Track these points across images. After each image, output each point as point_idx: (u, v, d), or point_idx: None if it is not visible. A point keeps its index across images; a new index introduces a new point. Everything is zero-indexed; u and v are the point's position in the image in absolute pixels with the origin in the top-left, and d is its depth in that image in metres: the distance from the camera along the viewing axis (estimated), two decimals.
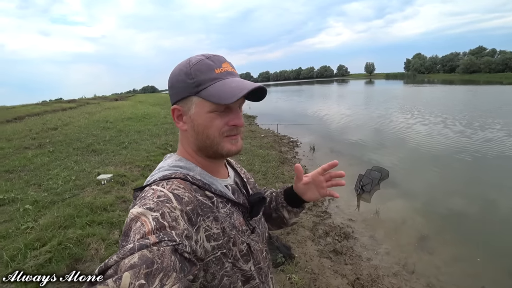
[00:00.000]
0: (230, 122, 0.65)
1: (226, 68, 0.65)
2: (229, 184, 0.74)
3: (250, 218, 0.74)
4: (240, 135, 0.70)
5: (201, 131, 0.65)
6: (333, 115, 14.99)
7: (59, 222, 3.03)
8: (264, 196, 0.76)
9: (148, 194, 0.55)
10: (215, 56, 0.66)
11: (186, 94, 0.65)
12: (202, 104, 0.64)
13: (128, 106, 16.09)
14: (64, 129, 8.11)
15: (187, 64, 0.65)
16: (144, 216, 0.49)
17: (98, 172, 4.53)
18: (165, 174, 0.64)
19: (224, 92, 0.60)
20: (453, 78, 66.09)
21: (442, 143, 8.12)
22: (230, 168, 0.84)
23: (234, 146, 0.68)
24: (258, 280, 0.71)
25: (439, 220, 4.15)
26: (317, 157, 7.58)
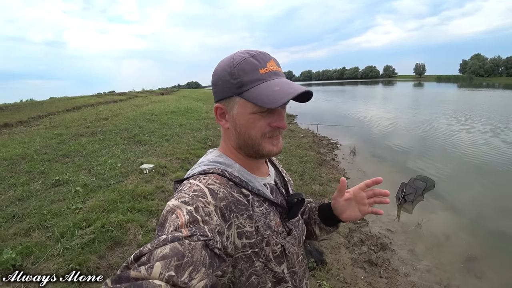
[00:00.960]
0: (273, 124, 0.63)
1: (271, 68, 0.63)
2: (268, 183, 0.73)
3: (287, 220, 0.72)
4: (281, 136, 0.69)
5: (243, 131, 0.65)
6: (376, 118, 14.21)
7: (104, 206, 3.28)
8: (303, 198, 0.73)
9: (185, 188, 0.57)
10: (259, 54, 0.64)
11: (230, 94, 0.64)
12: (245, 104, 0.63)
13: (173, 100, 16.91)
14: (114, 120, 8.77)
15: (231, 63, 0.63)
16: (179, 209, 0.50)
17: (141, 161, 4.82)
18: (204, 169, 0.66)
19: (267, 96, 0.59)
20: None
21: (495, 155, 7.26)
22: (272, 166, 0.82)
23: (275, 147, 0.67)
24: (290, 284, 0.69)
25: (489, 241, 3.73)
26: (357, 161, 7.27)
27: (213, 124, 9.34)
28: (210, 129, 8.51)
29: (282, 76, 0.65)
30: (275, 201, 0.69)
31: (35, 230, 2.81)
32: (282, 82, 0.62)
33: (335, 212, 0.81)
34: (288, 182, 0.83)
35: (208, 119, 10.27)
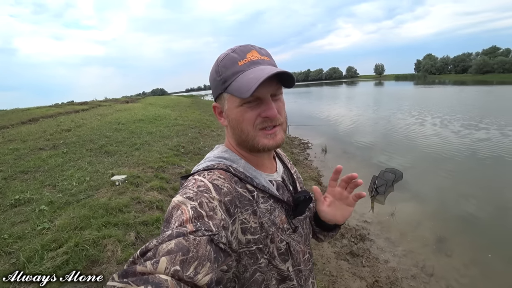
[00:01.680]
0: (262, 114, 0.62)
1: (251, 58, 0.62)
2: (275, 180, 0.72)
3: (293, 217, 0.71)
4: (281, 126, 0.66)
5: (235, 126, 0.65)
6: (343, 117, 14.88)
7: (75, 223, 3.05)
8: (310, 196, 0.73)
9: (189, 184, 0.57)
10: (240, 47, 0.64)
11: (219, 91, 0.65)
12: (231, 99, 0.63)
13: (139, 108, 16.27)
14: (77, 131, 8.23)
15: (216, 62, 0.65)
16: (184, 204, 0.50)
17: (112, 173, 4.57)
18: (209, 165, 0.65)
19: (244, 86, 0.58)
20: (465, 78, 64.62)
21: (453, 145, 7.98)
22: (280, 162, 0.81)
23: (272, 140, 0.64)
24: (295, 282, 0.69)
25: (455, 222, 4.07)
26: (329, 158, 7.52)
27: (184, 130, 9.13)
28: (181, 135, 8.30)
29: (264, 63, 0.63)
30: (280, 198, 0.69)
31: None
32: (257, 70, 0.60)
33: (326, 220, 0.79)
34: (297, 179, 0.82)
35: (178, 125, 10.02)
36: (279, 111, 0.64)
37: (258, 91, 0.57)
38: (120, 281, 0.36)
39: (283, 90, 0.67)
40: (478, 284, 2.81)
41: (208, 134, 9.42)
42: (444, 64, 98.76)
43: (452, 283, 2.79)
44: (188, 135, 8.54)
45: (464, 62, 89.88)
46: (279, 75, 0.59)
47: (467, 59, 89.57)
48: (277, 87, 0.64)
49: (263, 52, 0.66)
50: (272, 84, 0.61)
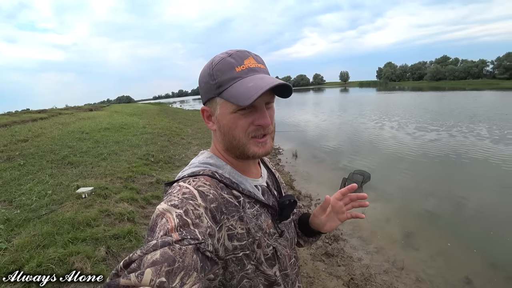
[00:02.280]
0: (255, 122, 0.62)
1: (249, 65, 0.62)
2: (260, 185, 0.72)
3: (279, 221, 0.72)
4: (270, 135, 0.67)
5: (227, 132, 0.64)
6: (311, 122, 15.35)
7: (37, 241, 2.81)
8: (295, 200, 0.74)
9: (174, 191, 0.56)
10: (237, 53, 0.63)
11: (211, 95, 0.64)
12: (225, 105, 0.62)
13: (104, 116, 15.49)
14: (35, 141, 7.63)
15: (210, 65, 0.64)
16: (169, 212, 0.49)
17: (77, 185, 4.29)
18: (194, 171, 0.64)
19: (242, 93, 0.58)
20: (421, 85, 70.48)
21: (412, 146, 8.59)
22: (264, 167, 0.82)
23: (262, 149, 0.65)
24: (283, 287, 0.69)
25: (420, 218, 4.35)
26: (300, 163, 7.68)
27: (153, 139, 8.85)
28: (150, 144, 8.03)
29: (261, 72, 0.63)
30: (266, 202, 0.69)
31: None
32: (257, 78, 0.60)
33: (313, 226, 0.82)
34: (281, 184, 0.83)
35: (147, 134, 9.69)
36: (271, 120, 0.65)
37: (256, 99, 0.58)
38: None
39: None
40: (444, 273, 3.02)
41: (178, 142, 9.21)
42: (403, 71, 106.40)
43: (421, 275, 2.97)
44: (157, 143, 8.28)
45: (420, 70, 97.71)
46: (285, 85, 0.60)
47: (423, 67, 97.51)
48: (271, 95, 0.64)
49: (259, 59, 0.66)
50: (268, 93, 0.61)
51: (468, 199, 4.82)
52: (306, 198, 5.16)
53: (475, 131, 9.83)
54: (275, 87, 0.59)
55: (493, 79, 67.77)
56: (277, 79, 0.61)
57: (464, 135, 9.40)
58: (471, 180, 5.68)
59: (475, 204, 4.65)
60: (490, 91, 35.15)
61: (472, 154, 7.29)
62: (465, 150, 7.67)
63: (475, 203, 4.67)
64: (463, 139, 8.89)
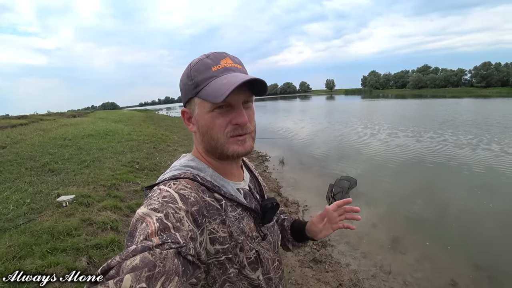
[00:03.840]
0: (233, 121, 0.62)
1: (225, 64, 0.63)
2: (242, 188, 0.72)
3: (261, 225, 0.71)
4: (250, 134, 0.66)
5: (205, 132, 0.64)
6: (298, 129, 15.52)
7: (13, 252, 2.67)
8: (277, 203, 0.74)
9: (154, 194, 0.54)
10: (214, 54, 0.65)
11: (189, 96, 0.64)
12: (202, 104, 0.62)
13: (88, 122, 15.11)
14: (14, 147, 7.33)
15: (189, 66, 0.64)
16: (149, 216, 0.48)
17: (58, 193, 4.12)
18: (175, 174, 0.63)
19: (216, 90, 0.58)
20: (404, 92, 72.96)
21: (395, 152, 8.80)
22: (247, 171, 0.81)
23: (241, 147, 0.64)
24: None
25: (405, 222, 4.42)
26: (287, 170, 7.72)
27: (138, 146, 8.69)
28: (135, 151, 7.87)
29: (237, 71, 0.63)
30: (248, 206, 0.68)
31: None
32: (230, 76, 0.60)
33: (309, 234, 0.88)
34: (264, 188, 0.83)
35: (132, 140, 9.50)
36: (249, 119, 0.64)
37: (230, 97, 0.57)
38: None
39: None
40: (430, 276, 3.08)
41: (164, 149, 9.08)
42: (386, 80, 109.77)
43: (408, 278, 3.01)
44: (143, 150, 8.13)
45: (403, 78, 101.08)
46: (252, 83, 0.60)
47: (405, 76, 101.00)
48: (249, 94, 0.64)
49: (236, 60, 0.66)
50: (244, 91, 0.62)
51: (450, 202, 4.97)
52: (294, 204, 5.16)
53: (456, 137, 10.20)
54: (251, 85, 0.60)
55: (471, 87, 70.99)
56: (252, 76, 0.61)
57: (444, 141, 9.74)
58: (452, 184, 5.85)
59: (456, 206, 4.80)
60: (469, 98, 36.83)
61: (453, 159, 7.54)
62: (446, 155, 7.93)
63: (456, 206, 4.82)
64: (444, 145, 9.20)
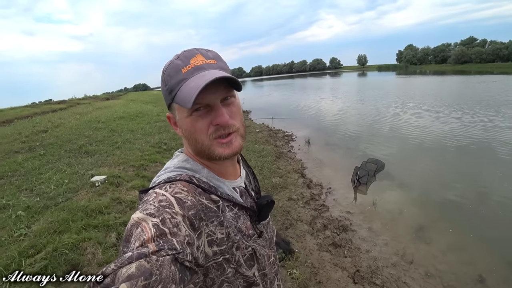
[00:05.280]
0: (213, 122, 0.59)
1: (195, 63, 0.59)
2: (238, 186, 0.71)
3: (257, 222, 0.71)
4: (237, 132, 0.62)
5: (189, 137, 0.62)
6: (326, 108, 15.01)
7: (53, 227, 2.97)
8: (273, 200, 0.73)
9: (150, 198, 0.53)
10: (185, 52, 0.61)
11: (168, 101, 0.63)
12: (180, 109, 0.60)
13: (120, 105, 15.87)
14: (54, 131, 7.94)
15: (163, 71, 0.62)
16: (145, 222, 0.47)
17: (91, 174, 4.45)
18: (170, 176, 0.62)
19: (186, 95, 0.55)
20: (444, 68, 66.48)
21: (435, 134, 8.17)
22: (245, 166, 0.80)
23: (228, 149, 0.61)
24: (261, 286, 0.69)
25: (434, 210, 4.20)
26: (312, 150, 7.60)
27: (166, 126, 8.99)
28: (163, 132, 8.17)
29: (208, 68, 0.59)
30: (245, 205, 0.67)
31: None
32: (199, 76, 0.56)
33: None
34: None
35: (160, 122, 9.85)
36: (233, 117, 0.61)
37: (205, 97, 0.55)
38: None
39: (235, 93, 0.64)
40: (456, 269, 2.91)
41: None
42: (424, 54, 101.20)
43: (431, 270, 2.89)
44: (170, 131, 8.39)
45: (444, 52, 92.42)
46: (227, 78, 0.56)
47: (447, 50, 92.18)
48: (227, 90, 0.60)
49: (209, 55, 0.62)
50: (220, 88, 0.58)
51: (488, 191, 4.59)
52: (317, 186, 5.11)
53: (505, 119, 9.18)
54: (226, 80, 0.56)
55: None
56: (219, 72, 0.57)
57: (492, 123, 8.77)
58: (492, 172, 5.35)
59: (494, 196, 4.42)
60: None
61: (500, 145, 6.79)
62: (492, 140, 7.19)
63: (494, 196, 4.44)
64: (491, 128, 8.31)
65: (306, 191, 4.69)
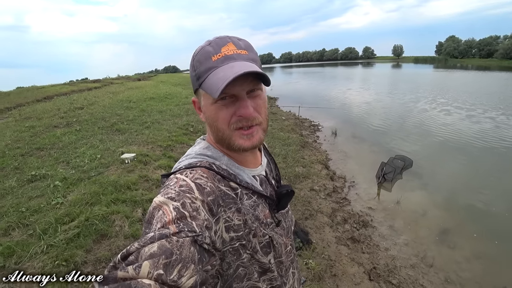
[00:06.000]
0: (237, 113, 0.59)
1: (225, 52, 0.59)
2: (258, 175, 0.71)
3: (276, 211, 0.72)
4: (259, 126, 0.63)
5: (211, 124, 0.63)
6: (356, 99, 14.51)
7: (86, 199, 3.19)
8: (292, 190, 0.73)
9: (171, 183, 0.56)
10: (216, 40, 0.61)
11: (195, 86, 0.63)
12: (206, 96, 0.61)
13: (150, 86, 16.36)
14: (89, 109, 8.40)
15: (193, 55, 0.62)
16: (166, 205, 0.49)
17: (122, 151, 4.69)
18: (191, 162, 0.64)
19: (213, 84, 0.55)
20: (490, 63, 60.66)
21: (470, 134, 7.66)
22: (266, 154, 0.80)
23: (248, 141, 0.61)
24: (276, 273, 0.70)
25: (462, 215, 4.00)
26: (338, 142, 7.45)
27: (193, 109, 9.10)
28: (191, 114, 8.35)
29: (239, 59, 0.59)
30: (264, 193, 0.68)
31: (14, 229, 2.69)
32: (228, 67, 0.57)
33: None
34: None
35: (188, 104, 10.05)
36: (258, 109, 0.61)
37: (233, 88, 0.56)
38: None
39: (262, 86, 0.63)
40: (479, 278, 2.79)
41: None
42: (468, 47, 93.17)
43: (452, 276, 2.79)
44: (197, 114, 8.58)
45: (491, 45, 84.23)
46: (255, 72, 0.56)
47: (494, 43, 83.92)
48: (254, 83, 0.60)
49: (241, 44, 0.62)
50: (248, 80, 0.58)
51: None
52: (340, 179, 5.04)
53: None
54: (254, 74, 0.56)
55: None
56: (250, 65, 0.57)
57: None
58: None
59: None
60: None
61: None
62: None
63: None
64: None
65: (329, 183, 4.65)
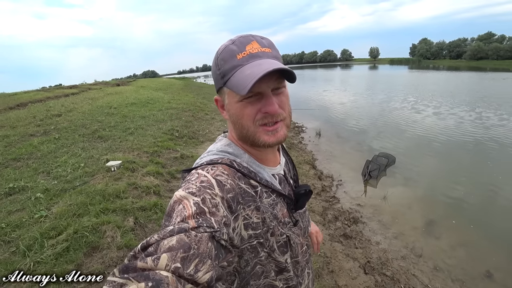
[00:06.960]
0: (262, 109, 0.60)
1: (250, 51, 0.60)
2: (277, 173, 0.72)
3: (294, 211, 0.72)
4: (283, 122, 0.64)
5: (236, 121, 0.64)
6: (337, 101, 14.85)
7: (73, 210, 3.05)
8: (310, 189, 0.74)
9: (192, 178, 0.56)
10: (240, 39, 0.62)
11: (219, 85, 0.64)
12: (231, 94, 0.62)
13: (131, 91, 15.93)
14: (68, 115, 8.07)
15: (216, 54, 0.63)
16: (186, 199, 0.50)
17: (106, 158, 4.53)
18: (212, 159, 0.64)
19: (240, 82, 0.56)
20: (459, 64, 64.36)
21: (446, 130, 8.07)
22: (284, 154, 0.81)
23: (272, 137, 0.63)
24: (292, 273, 0.71)
25: (444, 205, 4.20)
26: (323, 142, 7.59)
27: (177, 114, 9.04)
28: (175, 119, 8.22)
29: (264, 56, 0.61)
30: (283, 192, 0.69)
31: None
32: (255, 64, 0.58)
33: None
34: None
35: (172, 109, 9.90)
36: (282, 106, 0.63)
37: (258, 86, 0.56)
38: (121, 277, 0.37)
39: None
40: (464, 264, 2.94)
41: (202, 117, 9.35)
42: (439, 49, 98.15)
43: (439, 264, 2.93)
44: (182, 118, 8.45)
45: (459, 47, 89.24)
46: (282, 69, 0.57)
47: (462, 45, 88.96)
48: (279, 80, 0.61)
49: (264, 43, 0.63)
50: (273, 78, 0.59)
51: (498, 189, 4.55)
52: (328, 178, 5.13)
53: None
54: (279, 70, 0.57)
55: None
56: (277, 63, 0.59)
57: (503, 121, 8.69)
58: (503, 169, 5.30)
59: (504, 194, 4.41)
60: None
61: (507, 142, 6.76)
62: (502, 137, 7.14)
63: (504, 193, 4.42)
64: (502, 125, 8.25)
65: (317, 182, 4.72)
